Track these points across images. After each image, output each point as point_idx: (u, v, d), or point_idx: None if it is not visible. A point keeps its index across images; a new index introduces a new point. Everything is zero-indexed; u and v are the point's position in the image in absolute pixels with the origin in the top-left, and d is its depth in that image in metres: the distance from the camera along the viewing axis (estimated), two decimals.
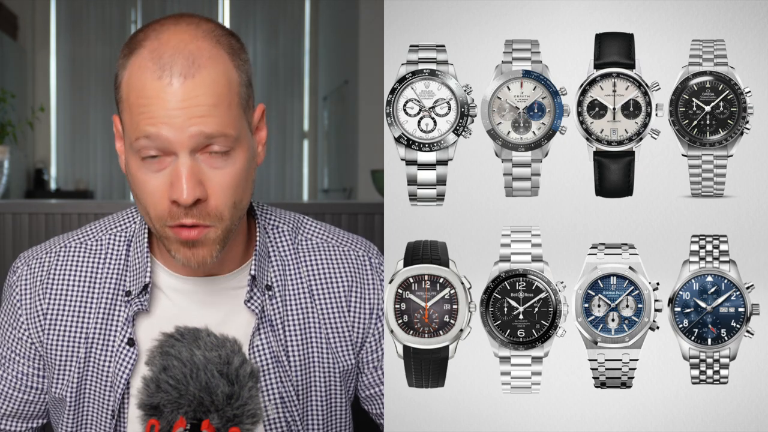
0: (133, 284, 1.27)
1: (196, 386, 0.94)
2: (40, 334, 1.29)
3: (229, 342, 0.99)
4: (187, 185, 1.13)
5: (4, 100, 2.92)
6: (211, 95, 1.13)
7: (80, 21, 7.60)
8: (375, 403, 1.38)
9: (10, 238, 2.28)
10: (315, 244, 1.36)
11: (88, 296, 1.28)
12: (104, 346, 1.27)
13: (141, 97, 1.13)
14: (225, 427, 0.94)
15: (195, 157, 1.14)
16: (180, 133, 1.12)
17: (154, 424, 0.95)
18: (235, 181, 1.18)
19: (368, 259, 1.37)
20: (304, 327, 1.31)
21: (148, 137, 1.13)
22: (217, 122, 1.14)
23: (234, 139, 1.16)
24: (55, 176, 7.62)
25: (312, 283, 1.33)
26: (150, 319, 1.27)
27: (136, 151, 1.16)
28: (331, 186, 7.04)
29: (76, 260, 1.30)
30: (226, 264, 1.28)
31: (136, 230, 1.31)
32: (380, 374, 1.36)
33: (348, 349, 1.34)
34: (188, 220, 1.15)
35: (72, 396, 1.29)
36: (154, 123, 1.12)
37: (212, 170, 1.15)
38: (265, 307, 1.28)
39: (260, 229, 1.32)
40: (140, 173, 1.16)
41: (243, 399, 0.95)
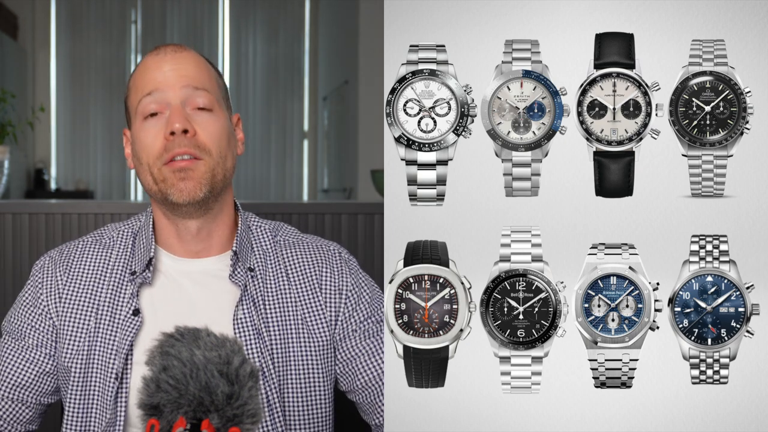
0: (138, 265, 1.46)
1: (196, 386, 0.94)
2: (57, 307, 1.46)
3: (229, 342, 0.99)
4: (179, 117, 1.39)
5: (4, 100, 2.93)
6: (196, 66, 1.45)
7: (80, 21, 7.60)
8: (348, 379, 1.46)
9: (10, 238, 2.28)
10: (292, 242, 1.54)
11: (100, 277, 1.48)
12: (112, 317, 1.44)
13: (143, 71, 1.45)
14: (225, 427, 0.94)
15: (185, 108, 1.41)
16: (173, 87, 1.42)
17: (154, 424, 0.95)
18: (218, 131, 1.43)
19: (338, 254, 1.54)
20: (282, 305, 1.46)
21: (150, 93, 1.41)
22: (201, 81, 1.44)
23: (215, 101, 1.44)
24: (55, 176, 7.62)
25: (288, 269, 1.50)
26: (151, 291, 1.45)
27: (140, 115, 1.42)
28: (331, 186, 7.03)
29: (91, 251, 1.51)
30: (214, 248, 1.48)
31: (141, 225, 1.52)
32: (351, 347, 1.46)
33: (322, 326, 1.47)
34: (180, 149, 1.38)
35: (80, 365, 1.43)
36: (153, 83, 1.42)
37: (199, 117, 1.41)
38: (247, 285, 1.45)
39: (242, 222, 1.51)
40: (142, 132, 1.42)
41: (243, 399, 0.95)
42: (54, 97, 7.58)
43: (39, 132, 7.27)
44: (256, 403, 0.97)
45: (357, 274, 1.52)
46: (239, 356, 0.98)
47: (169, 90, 1.41)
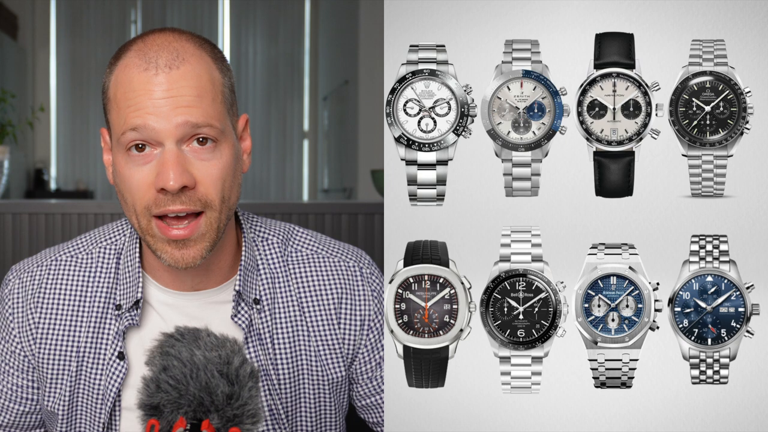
0: (124, 298, 1.27)
1: (196, 386, 0.94)
2: (32, 347, 1.29)
3: (229, 342, 0.99)
4: (174, 171, 1.13)
5: (4, 100, 2.93)
6: (196, 87, 1.15)
7: (80, 21, 7.60)
8: (372, 412, 1.38)
9: (10, 238, 2.28)
10: (305, 256, 1.34)
11: (79, 309, 1.28)
12: (95, 359, 1.27)
13: (128, 91, 1.15)
14: (225, 427, 0.94)
15: (181, 148, 1.15)
16: (166, 123, 1.13)
17: (154, 424, 0.95)
18: (223, 173, 1.17)
19: (359, 270, 1.35)
20: (294, 340, 1.30)
21: (135, 129, 1.14)
22: (202, 113, 1.15)
23: (219, 132, 1.17)
24: (55, 176, 7.62)
25: (302, 295, 1.31)
26: (140, 333, 1.27)
27: (123, 146, 1.16)
28: (331, 186, 7.04)
29: (66, 273, 1.30)
30: (213, 277, 1.28)
31: (125, 243, 1.31)
32: (375, 384, 1.36)
33: (338, 361, 1.33)
34: (176, 206, 1.15)
35: (64, 410, 1.29)
36: (140, 114, 1.14)
37: (199, 161, 1.16)
38: (253, 321, 1.28)
39: (247, 242, 1.31)
40: (126, 169, 1.17)
41: (243, 399, 0.95)
42: (54, 97, 7.59)
43: (39, 132, 7.27)
44: (256, 404, 0.97)
45: (380, 296, 1.34)
46: (239, 356, 0.98)
47: (161, 126, 1.13)
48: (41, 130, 7.35)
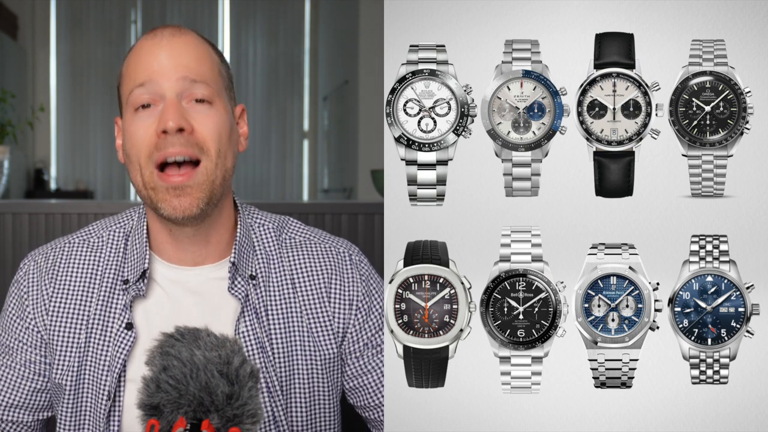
0: (131, 273, 1.35)
1: (196, 386, 0.94)
2: (45, 320, 1.36)
3: (229, 342, 0.99)
4: (173, 114, 1.26)
5: (4, 100, 2.93)
6: (195, 53, 1.32)
7: (80, 21, 7.60)
8: (359, 394, 1.40)
9: (10, 238, 2.28)
10: (298, 242, 1.42)
11: (90, 286, 1.37)
12: (103, 331, 1.34)
13: (137, 57, 1.32)
14: (225, 427, 0.94)
15: (181, 102, 1.28)
16: (168, 78, 1.29)
17: (154, 424, 0.95)
18: (218, 126, 1.30)
19: (348, 256, 1.42)
20: (287, 315, 1.37)
21: (142, 84, 1.29)
22: (200, 72, 1.31)
23: (215, 93, 1.31)
24: (55, 176, 7.62)
25: (294, 275, 1.39)
26: (145, 304, 1.35)
27: (131, 107, 1.30)
28: (331, 186, 7.04)
29: (78, 254, 1.39)
30: (213, 251, 1.37)
31: (134, 226, 1.40)
32: (362, 364, 1.39)
33: (330, 338, 1.38)
34: (175, 148, 1.26)
35: (71, 381, 1.35)
36: (147, 72, 1.29)
37: (196, 113, 1.29)
38: (249, 294, 1.35)
39: (242, 223, 1.40)
40: (133, 125, 1.30)
41: (243, 399, 0.95)
42: (54, 97, 7.58)
43: (39, 132, 7.27)
44: (256, 403, 0.97)
45: (368, 280, 1.41)
46: (239, 356, 0.98)
47: (164, 81, 1.28)
48: (41, 130, 7.35)
